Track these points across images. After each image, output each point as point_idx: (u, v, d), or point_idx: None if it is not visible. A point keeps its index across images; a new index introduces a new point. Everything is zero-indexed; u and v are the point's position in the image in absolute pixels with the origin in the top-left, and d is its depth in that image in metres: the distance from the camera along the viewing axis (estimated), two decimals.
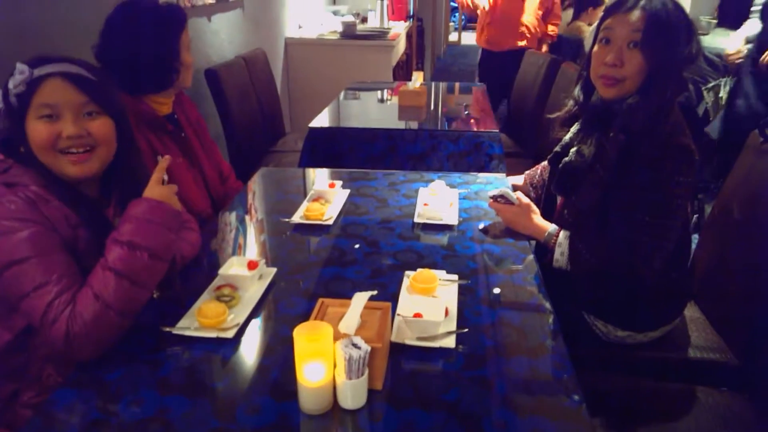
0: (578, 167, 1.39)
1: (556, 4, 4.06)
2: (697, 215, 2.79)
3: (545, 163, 1.67)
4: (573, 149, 1.43)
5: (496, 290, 1.24)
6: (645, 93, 1.28)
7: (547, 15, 4.01)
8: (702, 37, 3.56)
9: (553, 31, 4.06)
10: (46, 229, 1.01)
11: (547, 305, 1.18)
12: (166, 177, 1.14)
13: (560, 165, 1.44)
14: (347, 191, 1.74)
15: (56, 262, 1.00)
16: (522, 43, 3.87)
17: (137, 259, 1.02)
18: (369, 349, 0.87)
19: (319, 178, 1.95)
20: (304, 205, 1.60)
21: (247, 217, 1.65)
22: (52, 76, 1.05)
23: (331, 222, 1.54)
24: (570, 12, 5.05)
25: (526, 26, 3.87)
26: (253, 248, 1.47)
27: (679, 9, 1.28)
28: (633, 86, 1.29)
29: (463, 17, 11.62)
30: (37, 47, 1.45)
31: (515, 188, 1.74)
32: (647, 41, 1.25)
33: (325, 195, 1.68)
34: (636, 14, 1.26)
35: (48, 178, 1.06)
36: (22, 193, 1.01)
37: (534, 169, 1.81)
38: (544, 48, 4.01)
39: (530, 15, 3.88)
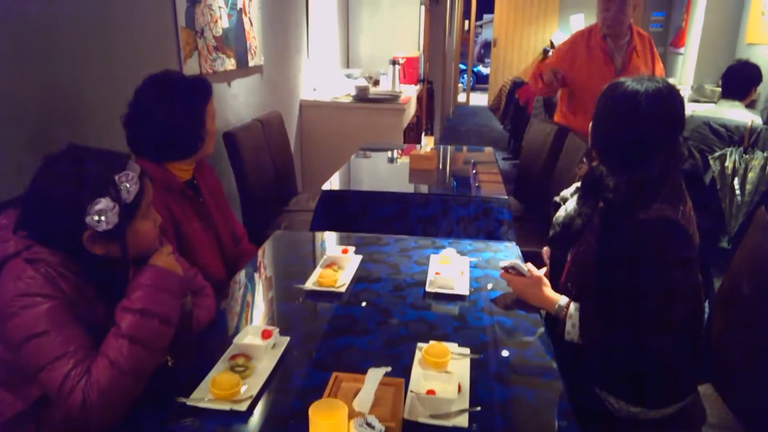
0: (564, 223, 1.48)
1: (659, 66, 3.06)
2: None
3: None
4: (564, 206, 1.52)
5: (508, 365, 1.24)
6: (614, 170, 1.37)
7: None
8: (708, 108, 3.67)
9: None
10: (63, 303, 1.04)
11: (559, 381, 1.18)
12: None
13: (554, 219, 1.53)
14: (359, 257, 1.77)
15: (73, 335, 1.03)
16: None
17: (149, 326, 1.06)
18: (383, 429, 0.88)
19: (331, 242, 1.98)
20: (317, 271, 1.63)
21: (260, 282, 1.68)
22: (145, 176, 1.15)
23: (343, 289, 1.56)
24: None
25: None
26: (266, 315, 1.48)
27: (640, 95, 1.30)
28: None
29: (471, 80, 11.96)
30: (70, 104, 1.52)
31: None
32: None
33: (338, 261, 1.70)
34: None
35: (74, 256, 1.09)
36: (43, 269, 1.04)
37: None
38: None
39: None
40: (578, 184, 1.54)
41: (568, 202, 1.53)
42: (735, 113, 3.16)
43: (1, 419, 1.07)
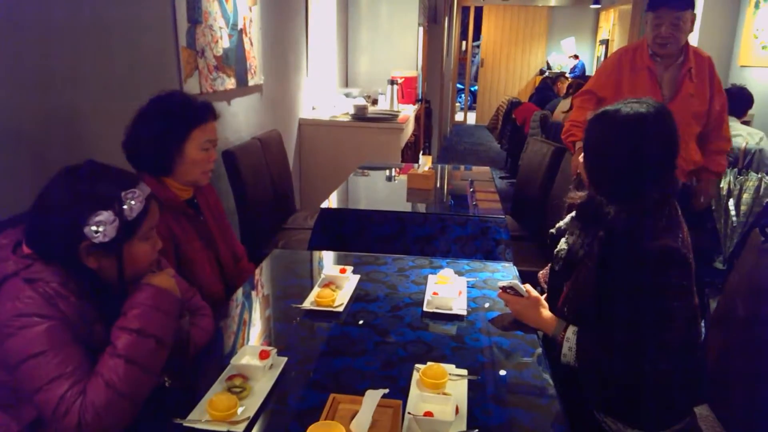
0: (567, 258, 1.47)
1: (722, 116, 2.48)
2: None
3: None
4: (563, 239, 1.51)
5: (506, 387, 1.24)
6: (600, 193, 1.39)
7: (708, 137, 2.48)
8: None
9: (719, 166, 2.51)
10: (62, 323, 1.04)
11: (557, 403, 1.18)
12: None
13: (555, 252, 1.52)
14: (357, 276, 1.77)
15: (70, 356, 1.02)
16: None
17: (145, 346, 1.06)
18: None
19: (328, 262, 1.98)
20: (315, 290, 1.63)
21: (258, 302, 1.68)
22: (153, 199, 1.16)
23: (341, 309, 1.56)
24: (566, 101, 5.28)
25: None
26: (263, 334, 1.48)
27: (637, 119, 1.31)
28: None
29: (469, 99, 12.08)
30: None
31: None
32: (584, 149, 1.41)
33: (336, 281, 1.70)
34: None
35: (74, 273, 1.09)
36: (42, 288, 1.04)
37: (547, 268, 1.84)
38: (710, 190, 2.59)
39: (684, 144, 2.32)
40: (573, 214, 1.54)
41: (567, 234, 1.52)
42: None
43: None
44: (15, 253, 1.08)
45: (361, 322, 1.48)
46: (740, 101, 3.55)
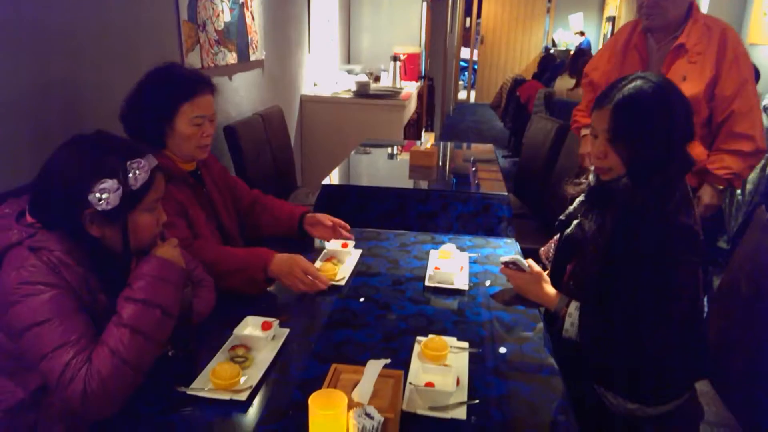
0: (579, 240, 1.44)
1: (738, 105, 1.93)
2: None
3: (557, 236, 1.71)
4: (575, 221, 1.48)
5: (507, 360, 1.24)
6: (634, 176, 1.31)
7: (718, 132, 1.99)
8: None
9: (723, 170, 1.95)
10: (66, 292, 1.04)
11: (557, 377, 1.19)
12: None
13: (562, 237, 1.49)
14: (359, 251, 1.77)
15: (75, 324, 1.03)
16: None
17: (151, 316, 1.06)
18: (382, 419, 0.88)
19: None
20: (317, 264, 1.63)
21: None
22: (159, 171, 1.15)
23: (343, 282, 1.56)
24: (566, 77, 5.22)
25: None
26: (266, 307, 1.48)
27: (658, 92, 1.29)
28: (621, 171, 1.33)
29: (472, 77, 11.97)
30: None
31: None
32: (614, 137, 1.30)
33: (338, 255, 1.71)
34: (607, 110, 1.31)
35: (76, 242, 1.09)
36: (46, 257, 1.04)
37: (548, 244, 1.84)
38: (705, 198, 2.00)
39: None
40: (581, 199, 1.52)
41: (580, 217, 1.48)
42: None
43: (1, 407, 1.07)
44: (18, 222, 1.08)
45: (362, 299, 1.48)
46: None
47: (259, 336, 1.22)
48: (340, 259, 1.69)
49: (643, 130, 1.28)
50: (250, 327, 1.26)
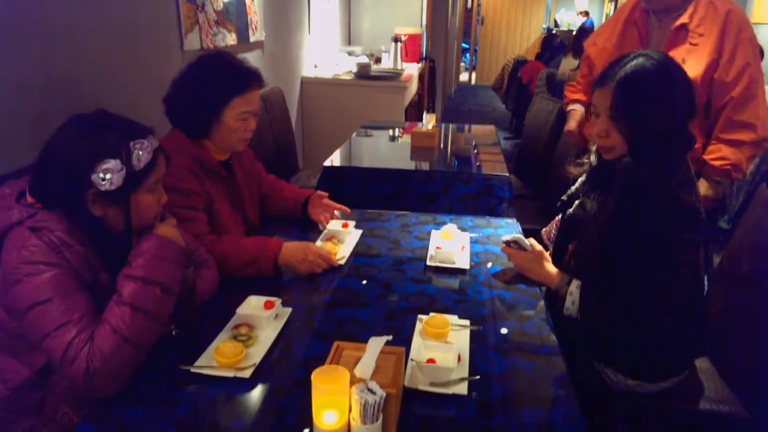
0: (581, 220, 1.44)
1: (740, 90, 1.81)
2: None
3: (559, 216, 1.71)
4: (577, 201, 1.48)
5: (508, 337, 1.25)
6: (636, 154, 1.30)
7: (716, 120, 1.87)
8: None
9: (720, 161, 1.83)
10: (67, 271, 1.04)
11: (558, 354, 1.19)
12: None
13: (564, 217, 1.49)
14: (360, 231, 1.78)
15: (77, 303, 1.03)
16: None
17: (150, 293, 1.07)
18: (384, 394, 0.89)
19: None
20: (318, 244, 1.64)
21: None
22: (161, 152, 1.14)
23: (343, 262, 1.57)
24: (570, 58, 5.18)
25: None
26: (269, 286, 1.49)
27: (660, 69, 1.28)
28: (624, 150, 1.33)
29: (473, 59, 11.87)
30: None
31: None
32: (616, 114, 1.29)
33: (338, 235, 1.71)
34: (609, 88, 1.29)
35: (77, 222, 1.09)
36: (46, 237, 1.04)
37: (550, 225, 1.83)
38: (701, 190, 1.81)
39: None
40: (583, 179, 1.52)
41: (583, 197, 1.49)
42: None
43: (7, 386, 1.08)
44: (19, 203, 1.08)
45: (364, 282, 1.49)
46: None
47: (262, 315, 1.23)
48: (341, 239, 1.70)
49: (644, 105, 1.28)
50: (253, 306, 1.27)
